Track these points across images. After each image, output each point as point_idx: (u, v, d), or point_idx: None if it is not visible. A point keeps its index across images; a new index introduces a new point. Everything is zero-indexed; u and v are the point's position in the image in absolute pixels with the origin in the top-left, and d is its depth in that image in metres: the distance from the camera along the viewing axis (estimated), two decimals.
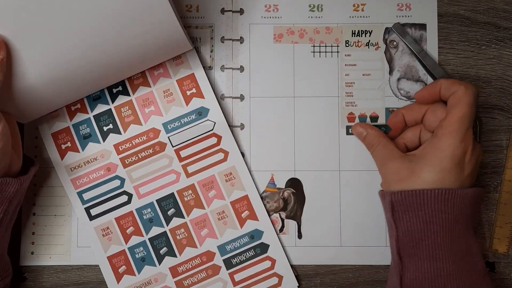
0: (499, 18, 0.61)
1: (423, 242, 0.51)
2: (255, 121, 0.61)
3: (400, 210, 0.52)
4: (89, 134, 0.59)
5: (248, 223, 0.59)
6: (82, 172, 0.59)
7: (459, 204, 0.50)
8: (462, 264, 0.50)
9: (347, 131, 0.61)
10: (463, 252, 0.51)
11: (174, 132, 0.59)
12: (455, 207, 0.50)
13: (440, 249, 0.50)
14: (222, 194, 0.59)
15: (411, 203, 0.51)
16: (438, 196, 0.50)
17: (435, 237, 0.50)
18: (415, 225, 0.51)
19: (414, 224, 0.51)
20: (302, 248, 0.60)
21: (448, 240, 0.50)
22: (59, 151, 0.59)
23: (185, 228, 0.59)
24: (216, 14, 0.61)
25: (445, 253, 0.50)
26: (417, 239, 0.51)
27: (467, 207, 0.51)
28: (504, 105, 0.61)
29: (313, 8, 0.62)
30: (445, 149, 0.51)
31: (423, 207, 0.50)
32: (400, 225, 0.52)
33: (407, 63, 0.61)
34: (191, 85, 0.60)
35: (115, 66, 0.52)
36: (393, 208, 0.52)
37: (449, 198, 0.50)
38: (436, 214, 0.50)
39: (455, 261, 0.50)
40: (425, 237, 0.50)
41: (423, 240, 0.51)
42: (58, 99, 0.54)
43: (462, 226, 0.51)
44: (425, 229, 0.50)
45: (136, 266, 0.59)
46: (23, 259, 0.60)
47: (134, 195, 0.59)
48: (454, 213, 0.50)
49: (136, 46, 0.51)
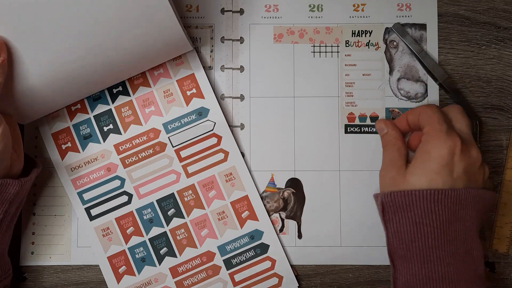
0: (499, 18, 0.61)
1: (413, 244, 0.50)
2: (255, 121, 0.61)
3: (390, 211, 0.51)
4: (89, 134, 0.59)
5: (248, 223, 0.59)
6: (82, 172, 0.59)
7: (451, 205, 0.49)
8: (458, 268, 0.49)
9: (345, 130, 0.61)
10: (460, 256, 0.50)
11: (174, 132, 0.59)
12: (447, 208, 0.49)
13: (432, 251, 0.49)
14: (222, 194, 0.59)
15: (401, 204, 0.50)
16: (428, 196, 0.49)
17: (426, 239, 0.50)
18: (405, 226, 0.50)
19: (404, 226, 0.51)
20: (302, 248, 0.60)
21: (441, 242, 0.49)
22: (59, 151, 0.59)
23: (185, 228, 0.59)
24: (216, 14, 0.61)
25: (437, 255, 0.49)
26: (407, 241, 0.50)
27: (463, 209, 0.50)
28: (504, 105, 0.61)
29: (313, 8, 0.62)
30: (430, 150, 0.51)
31: (413, 208, 0.50)
32: (390, 226, 0.52)
33: (407, 63, 0.61)
34: (191, 85, 0.60)
35: (115, 67, 0.52)
36: (384, 209, 0.52)
37: (439, 199, 0.49)
38: (427, 215, 0.49)
39: (449, 264, 0.49)
40: (416, 238, 0.50)
41: (413, 242, 0.50)
42: (58, 100, 0.54)
43: (458, 227, 0.50)
44: (416, 230, 0.50)
45: (136, 266, 0.59)
46: (23, 259, 0.60)
47: (134, 195, 0.59)
48: (446, 214, 0.49)
49: (137, 47, 0.51)
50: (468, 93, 0.61)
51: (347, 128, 0.61)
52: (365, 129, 0.61)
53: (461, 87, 0.61)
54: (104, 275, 0.59)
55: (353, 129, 0.61)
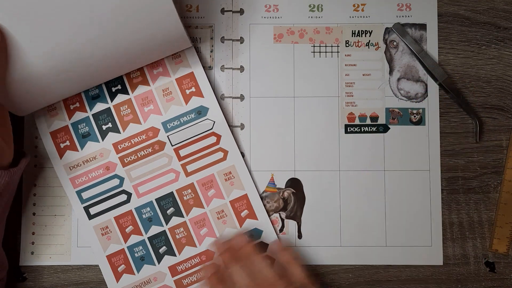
0: (499, 18, 0.61)
1: None
2: (255, 121, 0.61)
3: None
4: (88, 133, 0.59)
5: (247, 222, 0.59)
6: (81, 171, 0.59)
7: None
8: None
9: (345, 130, 0.60)
10: None
11: (173, 131, 0.59)
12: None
13: None
14: (221, 193, 0.59)
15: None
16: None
17: None
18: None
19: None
20: (302, 248, 0.60)
21: None
22: (58, 150, 0.59)
23: (185, 227, 0.59)
24: (216, 14, 0.61)
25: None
26: None
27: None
28: (504, 105, 0.61)
29: (313, 8, 0.62)
30: None
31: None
32: None
33: (407, 63, 0.61)
34: (191, 84, 0.60)
35: (113, 59, 0.52)
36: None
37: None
38: None
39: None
40: None
41: None
42: (54, 92, 0.54)
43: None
44: None
45: (136, 265, 0.59)
46: (23, 259, 0.60)
47: (133, 194, 0.59)
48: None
49: (136, 40, 0.51)
50: (468, 93, 0.61)
51: (347, 128, 0.61)
52: (365, 129, 0.61)
53: (461, 87, 0.61)
54: (104, 274, 0.59)
55: (353, 129, 0.61)
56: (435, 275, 0.60)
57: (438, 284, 0.60)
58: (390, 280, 0.60)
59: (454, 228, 0.60)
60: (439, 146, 0.60)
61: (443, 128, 0.60)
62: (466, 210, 0.60)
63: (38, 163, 0.60)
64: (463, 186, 0.60)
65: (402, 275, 0.60)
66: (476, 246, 0.60)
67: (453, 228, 0.60)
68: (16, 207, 0.59)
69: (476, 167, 0.60)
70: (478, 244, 0.60)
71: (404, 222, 0.60)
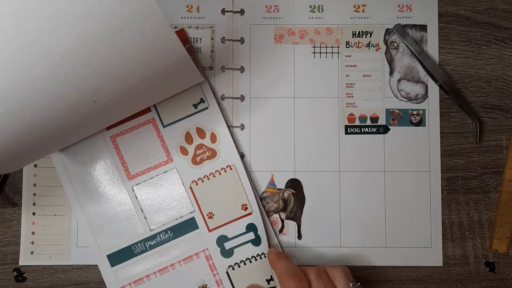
0: (499, 18, 0.61)
1: None
2: (255, 122, 0.61)
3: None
4: None
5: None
6: None
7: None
8: None
9: (345, 131, 0.60)
10: None
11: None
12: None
13: None
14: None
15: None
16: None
17: None
18: None
19: None
20: (302, 249, 0.60)
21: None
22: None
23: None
24: (217, 15, 0.61)
25: None
26: None
27: None
28: (504, 105, 0.61)
29: (313, 8, 0.62)
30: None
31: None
32: None
33: (407, 64, 0.61)
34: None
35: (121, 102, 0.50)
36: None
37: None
38: None
39: None
40: None
41: None
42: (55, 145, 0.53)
43: None
44: None
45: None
46: (23, 259, 0.60)
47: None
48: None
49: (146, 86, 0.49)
50: (468, 93, 0.61)
51: (347, 129, 0.61)
52: (365, 130, 0.61)
53: (461, 87, 0.61)
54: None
55: (353, 130, 0.61)
56: (435, 275, 0.60)
57: (438, 284, 0.60)
58: (390, 281, 0.60)
59: (454, 228, 0.60)
60: (439, 147, 0.60)
61: (443, 128, 0.60)
62: (466, 210, 0.60)
63: (38, 163, 0.60)
64: (463, 186, 0.60)
65: (402, 276, 0.60)
66: (476, 246, 0.60)
67: (453, 228, 0.60)
68: (16, 207, 0.59)
69: (476, 167, 0.61)
70: (478, 244, 0.60)
71: (404, 223, 0.60)
